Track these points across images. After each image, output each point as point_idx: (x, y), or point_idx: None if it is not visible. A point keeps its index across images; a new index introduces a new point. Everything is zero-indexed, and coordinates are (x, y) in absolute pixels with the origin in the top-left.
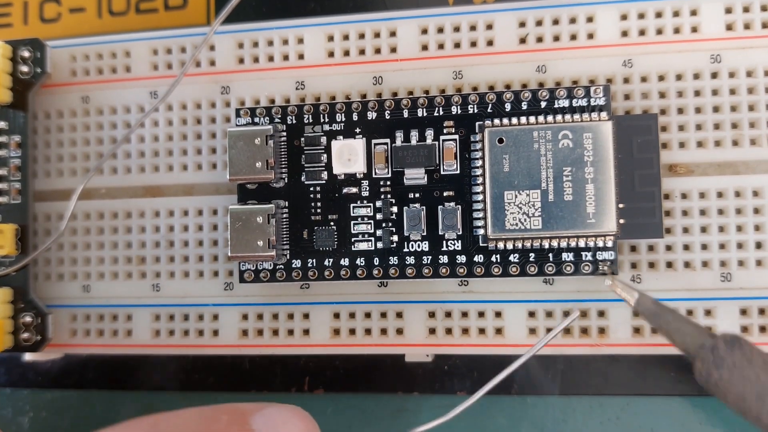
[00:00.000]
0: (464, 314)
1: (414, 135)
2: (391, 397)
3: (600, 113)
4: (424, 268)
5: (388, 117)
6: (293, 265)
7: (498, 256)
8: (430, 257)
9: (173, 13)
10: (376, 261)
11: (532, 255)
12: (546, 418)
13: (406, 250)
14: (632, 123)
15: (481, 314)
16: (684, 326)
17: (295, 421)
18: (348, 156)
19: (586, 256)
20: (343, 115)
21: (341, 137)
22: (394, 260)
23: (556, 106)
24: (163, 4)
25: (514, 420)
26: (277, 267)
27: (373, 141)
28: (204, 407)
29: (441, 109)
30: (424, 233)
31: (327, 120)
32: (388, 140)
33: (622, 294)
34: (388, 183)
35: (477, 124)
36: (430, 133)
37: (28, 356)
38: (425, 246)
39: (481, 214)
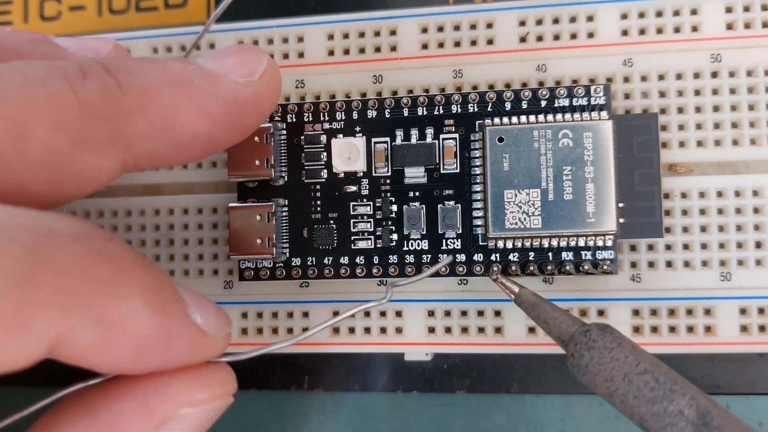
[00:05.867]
0: (464, 313)
1: (414, 134)
2: (391, 396)
3: (600, 112)
4: (423, 267)
5: (388, 115)
6: (293, 264)
7: (497, 255)
8: (429, 256)
9: (173, 12)
10: (376, 259)
11: (531, 254)
12: (545, 416)
13: (405, 248)
14: (632, 122)
15: (481, 313)
16: (560, 315)
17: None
18: (348, 154)
19: (585, 255)
20: (343, 113)
21: (341, 135)
22: (393, 259)
23: (556, 105)
24: (163, 2)
25: (512, 419)
26: (277, 265)
27: (373, 139)
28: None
29: (441, 107)
30: (424, 232)
31: (327, 118)
32: (388, 139)
33: (505, 288)
34: (388, 181)
35: (477, 123)
36: (430, 132)
37: None
38: (425, 245)
39: (480, 213)
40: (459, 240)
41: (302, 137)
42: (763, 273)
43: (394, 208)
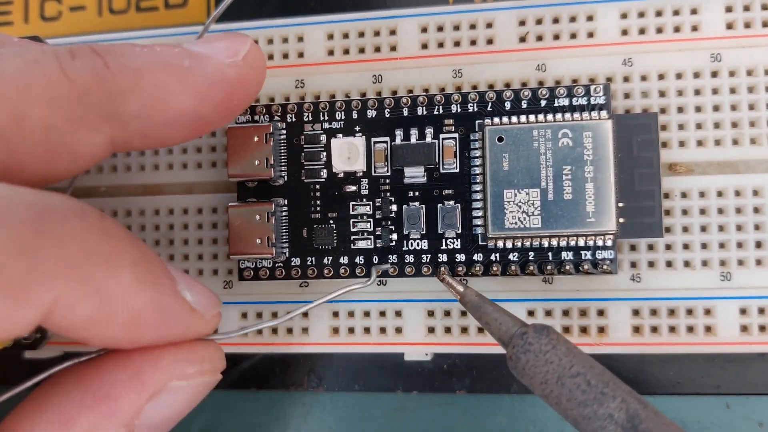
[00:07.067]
0: (463, 313)
1: (414, 133)
2: (391, 396)
3: (600, 112)
4: (423, 267)
5: (387, 115)
6: (292, 263)
7: (497, 254)
8: (429, 256)
9: (174, 12)
10: (376, 259)
11: (531, 254)
12: (545, 416)
13: (405, 248)
14: (632, 122)
15: None
16: (502, 317)
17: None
18: (348, 154)
19: (585, 255)
20: (342, 113)
21: (341, 135)
22: (393, 259)
23: (555, 104)
24: (164, 3)
25: (513, 418)
26: (277, 265)
27: (373, 139)
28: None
29: (441, 107)
30: (424, 232)
31: (327, 118)
32: (387, 138)
33: (450, 288)
34: (388, 181)
35: (477, 122)
36: (429, 132)
37: (27, 354)
38: (424, 244)
39: (480, 213)
40: (459, 240)
41: (302, 137)
42: (764, 273)
43: (394, 207)
